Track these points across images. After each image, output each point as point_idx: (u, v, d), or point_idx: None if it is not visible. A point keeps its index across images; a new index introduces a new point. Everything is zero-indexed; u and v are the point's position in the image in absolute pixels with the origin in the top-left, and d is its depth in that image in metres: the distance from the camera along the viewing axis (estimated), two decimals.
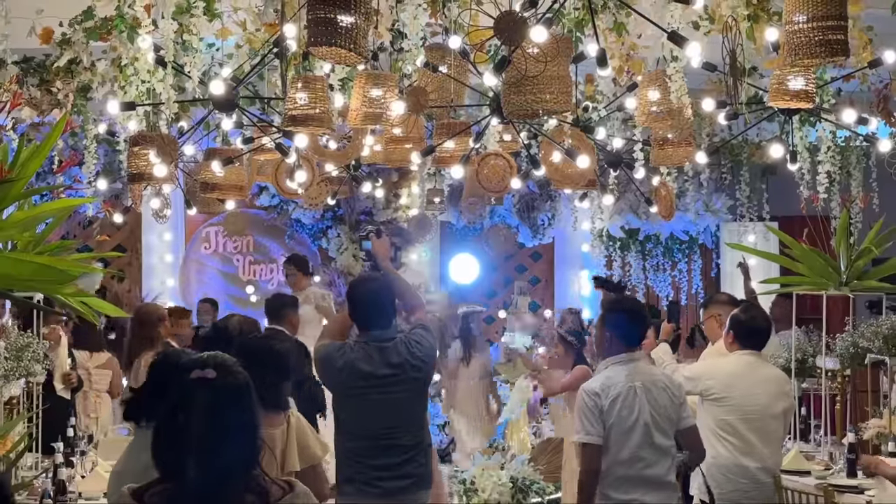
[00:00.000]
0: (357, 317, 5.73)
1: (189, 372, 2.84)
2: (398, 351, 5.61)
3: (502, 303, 13.93)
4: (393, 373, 5.57)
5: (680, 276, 13.90)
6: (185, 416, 2.79)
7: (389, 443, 5.56)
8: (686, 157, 7.04)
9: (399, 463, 5.57)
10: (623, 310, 5.88)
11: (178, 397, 2.83)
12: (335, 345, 5.74)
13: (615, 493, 5.50)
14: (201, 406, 2.79)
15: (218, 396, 2.82)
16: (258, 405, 2.93)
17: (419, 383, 5.73)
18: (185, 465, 2.75)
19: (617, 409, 5.51)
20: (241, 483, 2.82)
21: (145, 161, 6.56)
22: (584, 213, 12.60)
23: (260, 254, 13.57)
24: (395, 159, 7.60)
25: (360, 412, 5.57)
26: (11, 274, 3.20)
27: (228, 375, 2.87)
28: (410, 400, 5.68)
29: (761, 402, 6.43)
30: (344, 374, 5.55)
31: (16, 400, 6.35)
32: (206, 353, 2.93)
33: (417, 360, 5.64)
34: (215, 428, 2.78)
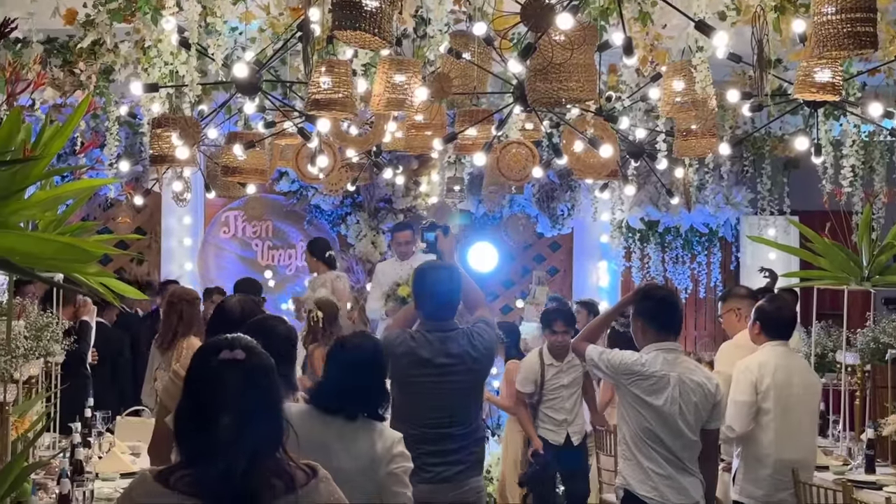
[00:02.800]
0: (421, 305, 5.74)
1: (216, 354, 2.83)
2: (459, 342, 5.63)
3: (520, 292, 13.90)
4: (452, 362, 5.59)
5: (699, 269, 13.83)
6: (213, 398, 2.78)
7: (443, 432, 5.59)
8: (709, 148, 7.01)
9: (451, 450, 5.61)
10: (653, 298, 5.87)
11: (204, 379, 2.82)
12: (396, 332, 5.78)
13: (644, 460, 5.64)
14: (230, 388, 2.78)
15: (247, 378, 2.81)
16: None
17: (477, 375, 5.76)
18: (212, 448, 2.74)
19: (649, 383, 5.58)
20: (269, 466, 2.81)
21: (168, 143, 6.57)
22: (604, 203, 12.56)
23: (279, 239, 13.57)
24: (416, 146, 7.60)
25: (417, 399, 5.59)
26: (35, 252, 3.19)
27: (255, 357, 2.86)
28: (466, 391, 5.70)
29: (797, 392, 6.42)
30: (403, 361, 5.57)
31: (34, 379, 6.36)
32: (231, 335, 2.92)
33: (477, 352, 5.66)
34: (243, 409, 2.77)
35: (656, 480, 5.59)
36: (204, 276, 13.08)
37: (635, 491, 5.64)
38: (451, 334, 5.66)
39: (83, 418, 7.07)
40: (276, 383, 2.89)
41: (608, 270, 13.79)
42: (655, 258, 13.71)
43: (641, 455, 5.63)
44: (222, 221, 13.50)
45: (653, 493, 5.59)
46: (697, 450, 5.66)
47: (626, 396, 5.69)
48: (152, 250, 13.10)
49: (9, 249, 3.07)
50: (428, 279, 5.75)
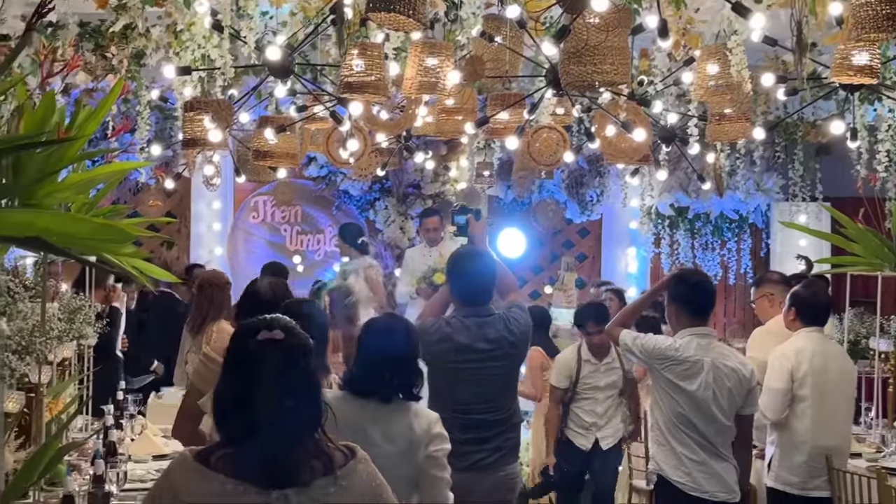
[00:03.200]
0: (457, 290, 5.74)
1: (255, 334, 2.82)
2: (496, 327, 5.64)
3: (548, 278, 13.87)
4: (490, 347, 5.61)
5: (729, 256, 13.75)
6: (252, 379, 2.77)
7: (482, 417, 5.59)
8: (743, 132, 6.95)
9: (489, 437, 5.61)
10: (687, 283, 5.84)
11: (244, 359, 2.82)
12: (430, 320, 5.79)
13: (678, 445, 5.64)
14: (269, 368, 2.78)
15: (286, 358, 2.81)
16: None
17: (514, 360, 5.78)
18: (251, 429, 2.74)
19: (682, 368, 5.54)
20: (308, 446, 2.81)
21: (200, 126, 6.57)
22: (634, 189, 12.51)
23: (307, 224, 13.57)
24: (447, 130, 7.57)
25: (455, 385, 5.60)
26: (71, 233, 3.19)
27: (293, 337, 2.86)
28: (504, 376, 5.72)
29: (833, 378, 6.38)
30: (441, 348, 5.58)
31: (67, 362, 6.39)
32: (270, 316, 2.92)
33: (514, 337, 5.67)
34: (282, 390, 2.77)
35: (689, 466, 5.58)
36: (233, 260, 13.11)
37: (668, 476, 5.64)
38: (488, 319, 5.66)
39: (115, 401, 7.11)
40: (315, 364, 2.88)
41: (637, 257, 13.74)
42: (685, 244, 13.64)
43: (675, 440, 5.62)
44: (251, 206, 13.52)
45: (686, 478, 5.58)
46: (731, 435, 5.64)
47: (660, 381, 5.68)
48: (182, 235, 13.13)
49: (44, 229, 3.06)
50: (463, 264, 5.75)
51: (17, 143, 3.53)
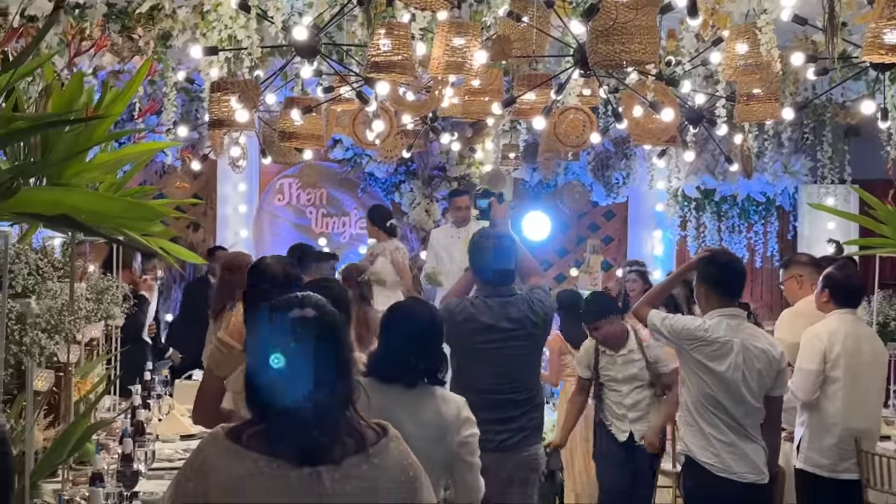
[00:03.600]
0: (479, 271, 5.78)
1: (286, 311, 2.82)
2: (519, 307, 5.69)
3: (574, 261, 13.84)
4: (513, 327, 5.66)
5: (755, 239, 13.70)
6: (284, 357, 2.77)
7: (505, 397, 5.63)
8: (772, 113, 6.89)
9: (513, 417, 5.66)
10: (717, 262, 5.81)
11: (275, 337, 2.81)
12: (455, 300, 5.84)
13: (706, 426, 5.63)
14: (301, 346, 2.78)
15: (318, 336, 2.80)
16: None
17: (536, 340, 5.83)
18: (283, 407, 2.74)
19: (712, 349, 5.54)
20: (340, 423, 2.81)
21: (227, 107, 6.57)
22: (660, 172, 12.47)
23: (333, 207, 13.58)
24: (473, 111, 7.55)
25: (479, 366, 5.63)
26: (100, 211, 3.20)
27: (325, 315, 2.85)
28: (527, 356, 5.78)
29: (866, 360, 6.34)
30: (465, 328, 5.61)
31: (95, 342, 6.42)
32: (301, 294, 2.92)
33: (537, 318, 5.72)
34: (314, 367, 2.77)
35: (718, 447, 5.56)
36: (258, 243, 13.13)
37: (696, 457, 5.62)
38: (511, 300, 5.70)
39: (142, 381, 7.14)
40: (347, 341, 2.88)
41: (663, 239, 13.70)
42: (711, 227, 13.60)
43: (703, 421, 5.61)
44: (277, 189, 13.54)
45: (714, 459, 5.57)
46: (760, 417, 5.61)
47: (689, 362, 5.67)
48: (208, 217, 13.17)
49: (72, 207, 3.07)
50: (485, 246, 5.78)
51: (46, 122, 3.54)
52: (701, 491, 5.68)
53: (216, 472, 2.77)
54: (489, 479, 5.16)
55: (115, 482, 4.67)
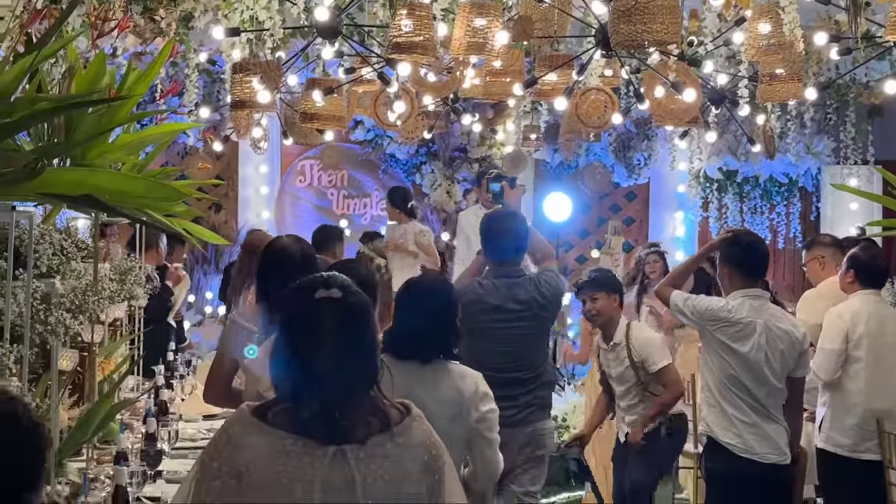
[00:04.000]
0: (489, 251, 5.86)
1: (312, 292, 2.84)
2: (526, 288, 5.77)
3: (595, 242, 13.82)
4: (520, 308, 5.74)
5: (778, 220, 13.64)
6: (310, 336, 2.79)
7: (511, 376, 5.70)
8: (794, 93, 6.86)
9: (519, 394, 5.73)
10: (740, 243, 5.81)
11: (302, 317, 2.83)
12: (464, 282, 5.96)
13: (729, 407, 5.63)
14: (327, 326, 2.79)
15: (343, 316, 2.82)
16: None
17: (544, 321, 5.90)
18: (309, 385, 2.75)
19: (735, 329, 5.56)
20: (364, 403, 2.83)
21: (248, 88, 6.59)
22: (682, 153, 12.42)
23: (354, 188, 13.60)
24: (494, 92, 7.55)
25: (486, 345, 5.68)
26: (125, 191, 3.23)
27: (351, 295, 2.87)
28: (534, 336, 5.85)
29: (889, 341, 6.32)
30: (473, 309, 5.63)
31: (119, 322, 6.46)
32: (327, 273, 2.94)
33: (545, 299, 5.80)
34: (340, 347, 2.79)
35: (740, 428, 5.57)
36: (280, 224, 13.16)
37: (719, 438, 5.64)
38: (518, 280, 5.78)
39: (165, 362, 7.18)
40: (372, 321, 2.90)
41: (685, 221, 13.66)
42: (733, 208, 13.55)
43: (726, 402, 5.62)
44: (298, 170, 13.57)
45: (736, 440, 5.58)
46: (782, 398, 5.62)
47: (712, 343, 5.68)
48: (230, 198, 13.20)
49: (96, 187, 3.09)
50: (494, 226, 5.88)
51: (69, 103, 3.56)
52: (723, 472, 5.70)
53: (241, 450, 2.79)
54: None
55: (139, 461, 4.70)
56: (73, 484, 4.24)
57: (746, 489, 5.61)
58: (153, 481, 4.77)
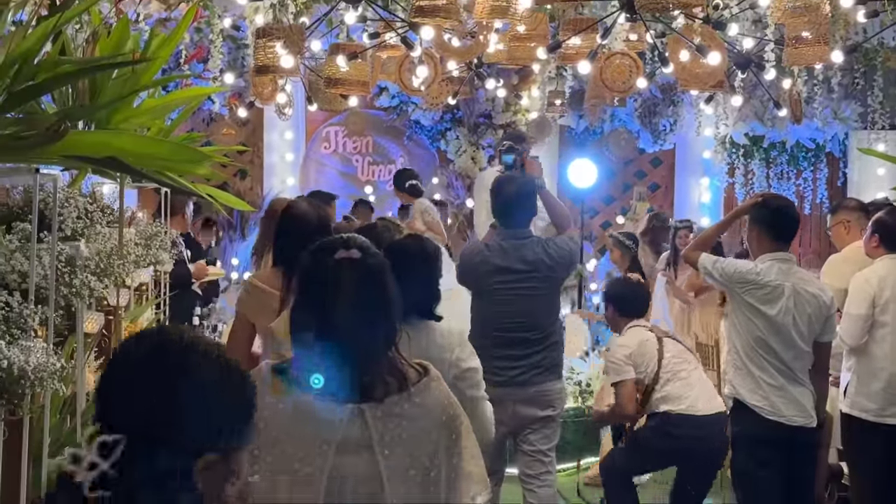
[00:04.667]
0: (498, 213, 5.94)
1: (331, 253, 2.85)
2: (534, 249, 5.81)
3: (620, 209, 13.80)
4: (527, 269, 5.77)
5: (804, 185, 13.59)
6: (329, 297, 2.80)
7: (519, 336, 5.74)
8: (821, 56, 6.80)
9: (527, 354, 5.79)
10: (770, 206, 5.80)
11: (321, 277, 2.85)
12: (473, 243, 6.01)
13: (756, 370, 5.64)
14: (345, 286, 2.81)
15: (362, 276, 2.84)
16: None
17: (552, 282, 5.91)
18: (328, 346, 2.77)
19: (763, 292, 5.58)
20: (382, 363, 2.85)
21: (272, 53, 6.60)
22: (708, 118, 12.37)
23: (379, 155, 13.61)
24: (518, 57, 7.54)
25: (493, 305, 5.78)
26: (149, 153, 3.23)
27: (370, 256, 2.89)
28: (542, 297, 5.87)
29: None
30: (479, 270, 5.78)
31: (145, 287, 6.50)
32: (346, 235, 2.95)
33: (552, 261, 5.83)
34: (358, 307, 2.80)
35: (767, 390, 5.59)
36: (305, 191, 13.15)
37: (745, 400, 5.66)
38: (526, 242, 5.84)
39: (191, 326, 7.22)
40: (390, 283, 2.90)
41: (710, 187, 13.62)
42: (760, 174, 13.50)
43: (753, 365, 5.64)
44: (323, 137, 13.58)
45: (763, 402, 5.60)
46: (809, 361, 5.63)
47: (740, 305, 5.69)
48: (255, 165, 13.23)
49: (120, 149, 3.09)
50: (503, 189, 5.92)
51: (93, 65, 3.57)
52: (750, 435, 5.70)
53: (260, 408, 2.81)
54: (503, 413, 5.36)
55: None
56: None
57: (773, 452, 5.61)
58: None
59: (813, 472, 5.82)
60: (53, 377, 2.98)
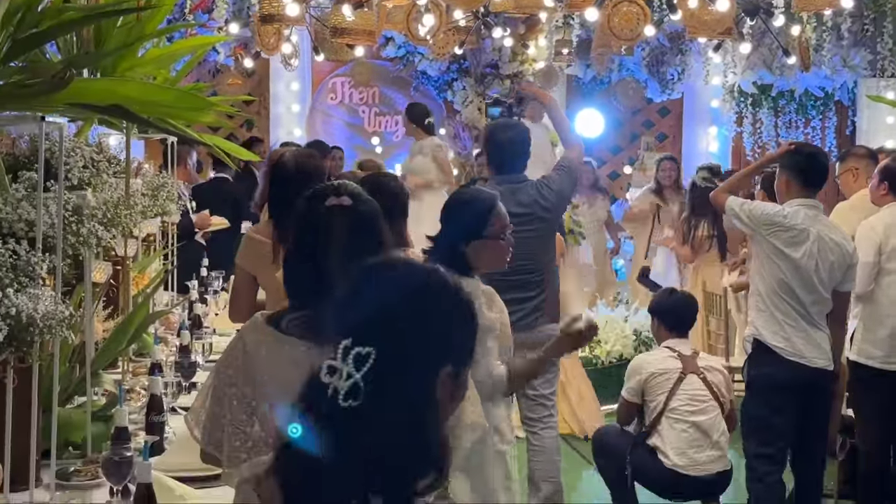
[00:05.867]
0: (492, 159, 5.95)
1: (322, 200, 2.84)
2: (528, 192, 5.84)
3: (628, 158, 13.76)
4: (523, 211, 5.76)
5: (813, 134, 13.52)
6: (322, 244, 2.79)
7: (519, 279, 5.75)
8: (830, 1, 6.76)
9: (529, 297, 5.81)
10: (802, 152, 5.82)
11: (313, 225, 2.84)
12: (465, 189, 5.96)
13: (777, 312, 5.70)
14: (337, 233, 2.80)
15: (353, 223, 2.82)
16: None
17: (548, 224, 5.95)
18: (321, 293, 2.76)
19: (789, 235, 5.63)
20: None
21: (277, 2, 6.57)
22: (716, 67, 12.31)
23: (385, 105, 13.57)
24: (525, 5, 7.50)
25: None
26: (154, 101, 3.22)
27: (361, 203, 2.87)
28: (539, 239, 5.90)
29: None
30: None
31: (152, 237, 6.50)
32: (337, 182, 2.94)
33: (547, 202, 5.86)
34: (350, 254, 2.79)
35: (789, 332, 5.68)
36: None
37: (767, 341, 5.73)
38: (520, 185, 5.86)
39: (199, 277, 7.23)
40: (383, 230, 2.89)
41: (718, 136, 13.57)
42: (768, 123, 13.44)
43: (775, 308, 5.71)
44: (329, 88, 13.53)
45: (784, 343, 5.68)
46: (827, 307, 5.73)
47: (765, 247, 5.75)
48: (262, 116, 13.20)
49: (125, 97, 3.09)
50: (496, 134, 5.93)
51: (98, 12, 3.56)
52: (770, 376, 5.74)
53: (256, 357, 2.82)
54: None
55: (174, 373, 4.76)
56: (110, 394, 4.30)
57: (789, 397, 5.68)
58: (188, 392, 4.81)
59: (826, 421, 5.86)
60: (62, 325, 2.99)
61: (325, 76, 13.45)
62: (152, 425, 3.96)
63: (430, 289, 1.89)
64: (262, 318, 2.92)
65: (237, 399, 2.84)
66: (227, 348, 2.96)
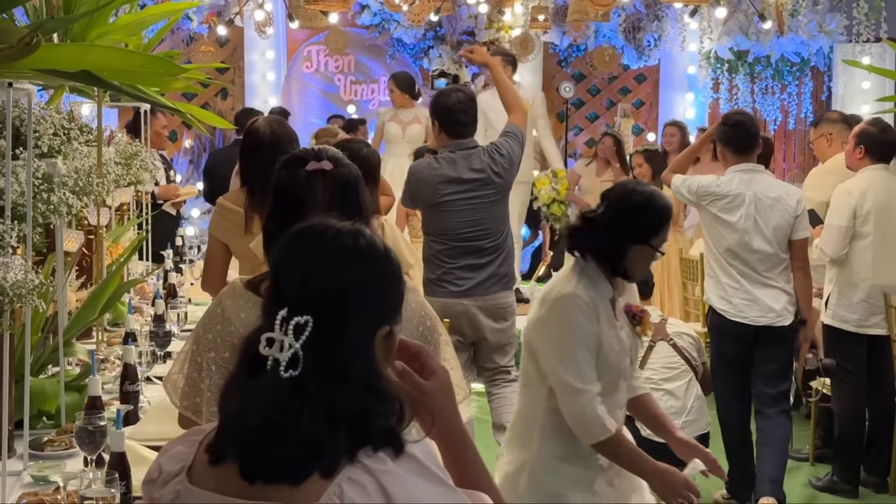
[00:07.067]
0: (443, 126, 5.94)
1: (302, 164, 2.81)
2: (481, 158, 5.89)
3: (604, 125, 13.74)
4: (476, 177, 5.86)
5: (789, 100, 13.53)
6: (300, 208, 2.76)
7: (474, 244, 5.87)
8: None
9: (482, 264, 5.90)
10: (727, 123, 6.05)
11: (293, 189, 2.80)
12: (419, 160, 6.20)
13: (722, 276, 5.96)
14: (318, 196, 2.77)
15: (334, 188, 2.79)
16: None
17: (501, 188, 5.97)
18: None
19: (724, 202, 5.90)
20: None
21: None
22: (692, 33, 12.29)
23: (361, 74, 13.49)
24: None
25: (446, 216, 5.88)
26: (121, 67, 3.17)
27: (342, 167, 2.84)
28: (493, 204, 5.95)
29: None
30: (430, 183, 5.85)
31: (126, 207, 6.47)
32: (318, 147, 2.91)
33: (499, 167, 5.90)
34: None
35: (731, 293, 5.90)
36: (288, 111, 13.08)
37: (714, 305, 6.02)
38: (473, 152, 5.90)
39: (174, 247, 7.20)
40: (364, 194, 2.86)
41: (695, 103, 13.56)
42: (744, 89, 13.45)
43: (720, 272, 5.96)
44: (305, 56, 13.44)
45: (727, 305, 5.93)
46: (777, 262, 5.87)
47: (706, 217, 6.01)
48: (236, 85, 13.10)
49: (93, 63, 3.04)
50: (444, 101, 5.90)
51: None
52: (720, 333, 6.02)
53: (235, 322, 2.80)
54: (461, 322, 5.73)
55: (149, 342, 4.73)
56: (83, 364, 4.27)
57: (742, 347, 5.95)
58: (163, 362, 4.80)
59: (783, 367, 6.03)
60: (32, 294, 2.97)
61: (299, 44, 13.35)
62: (126, 394, 3.94)
63: (361, 251, 1.88)
64: (241, 282, 2.90)
65: (216, 364, 2.82)
66: (205, 314, 2.94)
